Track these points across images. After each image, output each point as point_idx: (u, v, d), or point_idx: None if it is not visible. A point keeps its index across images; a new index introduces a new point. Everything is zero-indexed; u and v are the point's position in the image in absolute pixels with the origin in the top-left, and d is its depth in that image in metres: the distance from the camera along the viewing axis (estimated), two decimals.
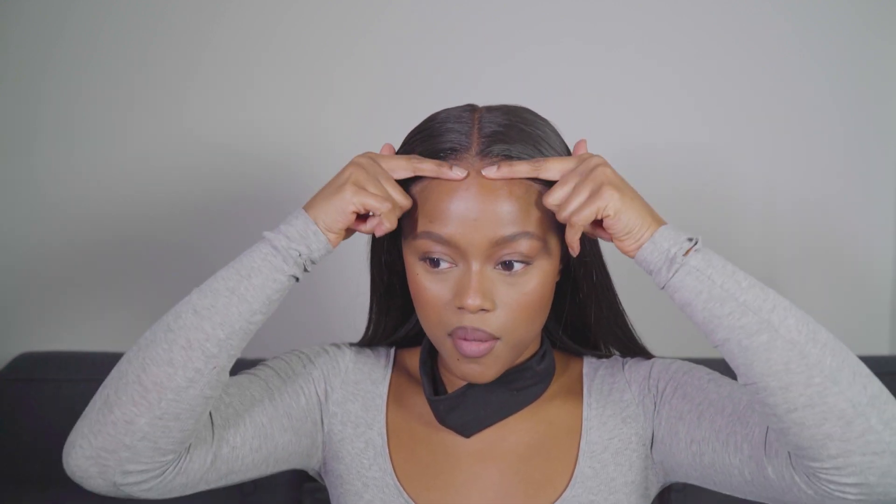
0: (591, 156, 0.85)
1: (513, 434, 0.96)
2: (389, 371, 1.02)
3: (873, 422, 0.77)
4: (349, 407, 0.99)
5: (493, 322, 0.87)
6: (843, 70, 1.53)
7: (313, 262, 0.87)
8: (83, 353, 1.40)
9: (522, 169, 0.85)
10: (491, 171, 0.84)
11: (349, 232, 0.89)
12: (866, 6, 1.52)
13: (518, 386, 0.95)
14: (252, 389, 0.95)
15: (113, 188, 1.52)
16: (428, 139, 0.89)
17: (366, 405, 1.00)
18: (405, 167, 0.87)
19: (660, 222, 0.83)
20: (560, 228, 0.89)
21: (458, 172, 0.85)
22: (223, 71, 1.51)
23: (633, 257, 0.83)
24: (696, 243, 0.82)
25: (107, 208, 1.52)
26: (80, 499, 1.32)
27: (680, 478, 0.95)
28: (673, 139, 1.53)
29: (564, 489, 0.93)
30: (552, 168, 0.85)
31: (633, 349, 1.00)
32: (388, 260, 0.97)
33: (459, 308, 0.87)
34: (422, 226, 0.87)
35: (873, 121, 1.54)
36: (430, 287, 0.88)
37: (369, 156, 0.89)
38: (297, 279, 0.87)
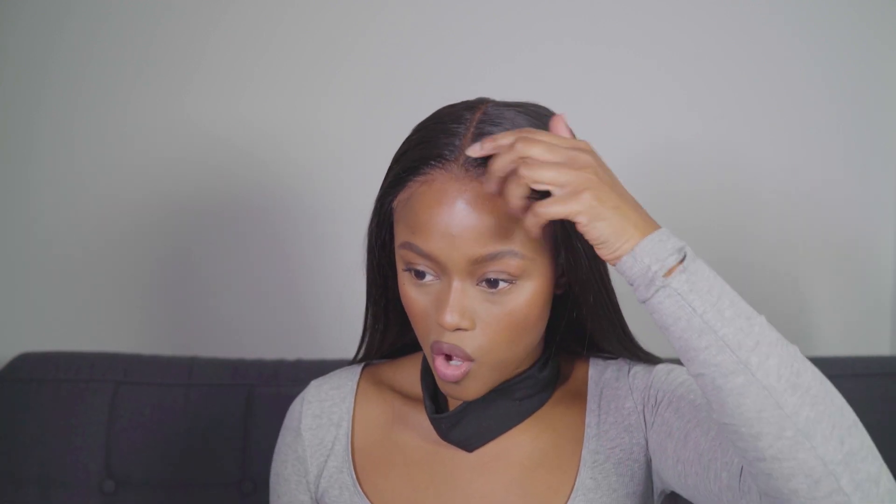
0: (582, 148, 0.77)
1: (516, 444, 0.94)
2: (351, 402, 0.99)
3: (843, 482, 0.71)
4: (325, 467, 0.98)
5: (470, 342, 0.84)
6: (846, 69, 1.52)
7: None
8: (83, 353, 1.40)
9: (506, 142, 0.76)
10: (475, 150, 0.77)
11: None
12: (867, 8, 1.52)
13: (520, 395, 0.92)
14: None
15: (112, 188, 1.52)
16: (419, 145, 0.85)
17: (335, 452, 0.98)
18: None
19: (645, 231, 0.75)
20: (552, 246, 0.85)
21: None
22: (223, 72, 1.50)
23: (613, 266, 0.77)
24: (683, 259, 0.75)
25: (106, 208, 1.52)
26: (80, 499, 1.33)
27: (674, 490, 0.92)
28: (672, 138, 1.53)
29: (566, 501, 0.91)
30: (538, 138, 0.76)
31: (639, 359, 0.96)
32: (384, 264, 0.94)
33: (439, 324, 0.83)
34: (405, 236, 0.84)
35: (874, 119, 1.54)
36: (417, 298, 0.85)
37: None
38: None
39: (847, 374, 1.38)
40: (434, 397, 0.95)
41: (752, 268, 1.56)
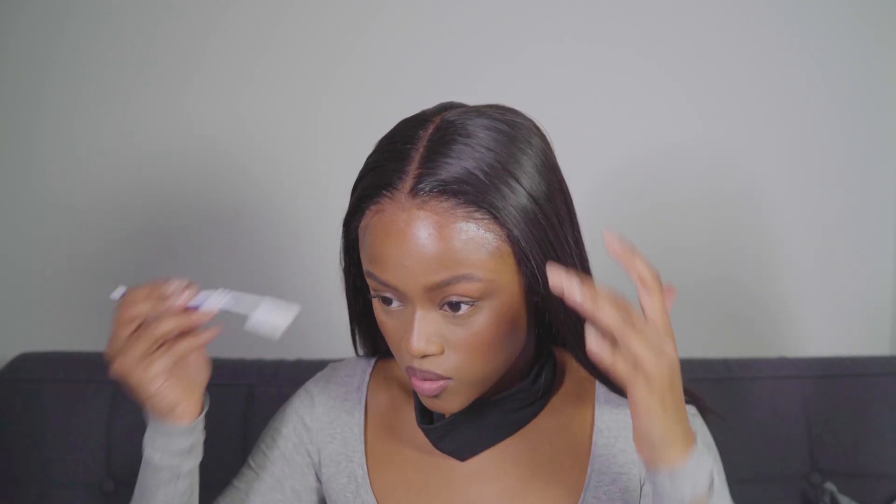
0: (671, 336, 0.72)
1: (511, 455, 0.92)
2: (364, 393, 0.99)
3: None
4: (328, 449, 0.98)
5: (442, 364, 0.83)
6: (846, 69, 1.53)
7: (202, 440, 0.88)
8: (83, 353, 1.40)
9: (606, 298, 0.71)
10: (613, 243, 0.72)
11: (198, 377, 0.88)
12: (867, 8, 1.52)
13: (512, 407, 0.91)
14: None
15: (112, 188, 1.52)
16: (372, 170, 0.83)
17: (344, 440, 0.97)
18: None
19: (685, 446, 0.73)
20: (517, 259, 0.81)
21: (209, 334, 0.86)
22: (223, 72, 1.50)
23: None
24: (711, 484, 0.74)
25: (107, 208, 1.52)
26: (80, 498, 1.33)
27: None
28: (671, 138, 1.53)
29: None
30: (604, 309, 0.71)
31: (602, 381, 0.93)
32: (360, 286, 0.92)
33: (406, 352, 0.83)
34: (366, 265, 0.84)
35: (874, 119, 1.54)
36: (387, 322, 0.85)
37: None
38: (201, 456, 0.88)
39: (847, 374, 1.38)
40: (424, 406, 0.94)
41: (752, 268, 1.56)
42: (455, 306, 0.81)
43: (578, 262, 0.85)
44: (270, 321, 0.85)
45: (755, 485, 1.33)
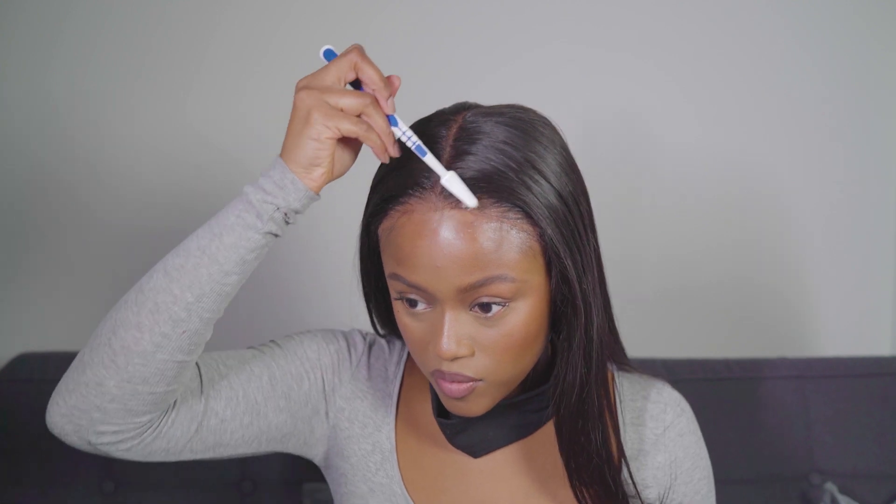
0: None
1: (528, 454, 0.91)
2: (401, 369, 0.97)
3: None
4: (357, 404, 0.95)
5: (472, 366, 0.82)
6: (846, 71, 1.53)
7: (297, 213, 0.81)
8: None
9: None
10: None
11: (339, 166, 0.82)
12: (866, 10, 1.52)
13: (533, 408, 0.90)
14: (253, 364, 0.91)
15: (113, 188, 1.52)
16: (395, 170, 0.82)
17: (375, 405, 0.95)
18: (354, 114, 0.79)
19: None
20: (545, 261, 0.81)
21: (393, 153, 0.79)
22: (222, 72, 1.50)
23: None
24: None
25: (107, 209, 1.52)
26: (80, 499, 1.33)
27: None
28: (670, 145, 1.53)
29: None
30: None
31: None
32: (383, 288, 0.91)
33: (436, 354, 0.81)
34: (391, 267, 0.82)
35: (874, 120, 1.54)
36: (411, 325, 0.83)
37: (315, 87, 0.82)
38: (278, 235, 0.81)
39: (847, 375, 1.38)
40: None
41: (753, 269, 1.56)
42: (486, 307, 0.80)
43: (596, 265, 0.85)
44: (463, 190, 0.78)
45: (755, 485, 1.33)
